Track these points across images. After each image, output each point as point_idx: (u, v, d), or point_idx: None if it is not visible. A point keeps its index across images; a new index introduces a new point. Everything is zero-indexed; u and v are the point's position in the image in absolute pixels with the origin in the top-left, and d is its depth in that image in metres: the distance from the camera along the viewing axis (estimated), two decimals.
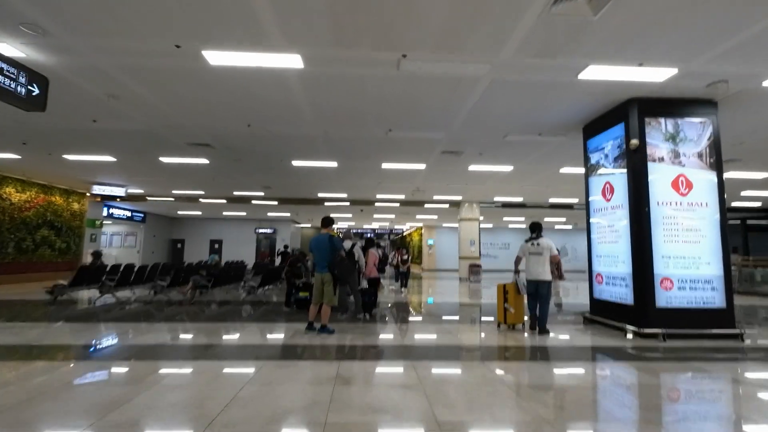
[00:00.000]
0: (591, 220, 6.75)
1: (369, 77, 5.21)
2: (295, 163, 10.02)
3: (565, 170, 10.51)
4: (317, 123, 7.06)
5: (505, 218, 21.79)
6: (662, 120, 5.48)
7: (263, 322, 6.64)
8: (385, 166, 10.25)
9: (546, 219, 21.99)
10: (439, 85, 5.38)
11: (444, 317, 7.61)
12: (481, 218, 17.59)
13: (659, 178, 5.43)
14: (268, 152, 9.14)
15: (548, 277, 5.86)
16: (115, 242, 19.71)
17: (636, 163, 5.47)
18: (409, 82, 5.31)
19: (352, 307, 7.07)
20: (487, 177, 11.62)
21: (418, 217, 21.85)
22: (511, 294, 6.15)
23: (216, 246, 23.02)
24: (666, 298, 5.29)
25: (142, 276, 9.65)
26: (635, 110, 5.47)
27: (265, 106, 6.28)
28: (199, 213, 20.63)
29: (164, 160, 9.82)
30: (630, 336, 5.46)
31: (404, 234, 35.72)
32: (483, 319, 7.54)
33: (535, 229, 6.24)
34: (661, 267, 5.33)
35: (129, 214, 18.57)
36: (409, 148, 8.64)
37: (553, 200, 16.26)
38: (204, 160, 9.86)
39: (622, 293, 5.74)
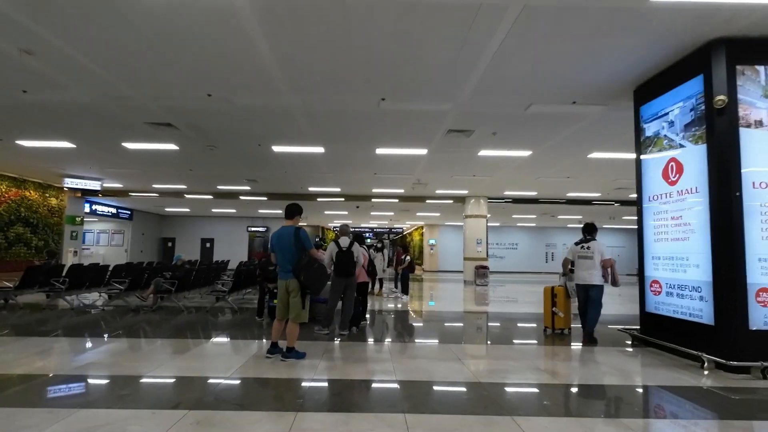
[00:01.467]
0: (645, 210, 5.26)
1: (352, 10, 3.76)
2: (276, 148, 8.58)
3: (595, 156, 9.01)
4: (292, 91, 5.61)
5: (515, 215, 20.28)
6: (761, 69, 3.99)
7: (222, 338, 5.20)
8: (380, 151, 8.79)
9: (560, 216, 20.47)
10: (449, 19, 3.92)
11: (452, 332, 6.13)
12: (488, 215, 16.08)
13: (756, 149, 3.94)
14: (241, 134, 7.71)
15: (598, 281, 5.42)
16: (102, 240, 18.42)
17: (722, 130, 3.98)
18: (406, 17, 3.85)
19: (343, 317, 5.63)
20: (499, 165, 10.13)
21: (419, 214, 20.37)
22: (560, 298, 5.88)
23: (207, 245, 21.68)
24: (765, 316, 3.81)
25: (100, 278, 8.25)
26: (722, 55, 3.97)
27: (220, 64, 4.84)
28: (188, 210, 19.27)
29: (128, 146, 8.42)
30: (709, 369, 3.98)
31: (404, 233, 34.23)
32: (499, 333, 6.06)
33: (588, 230, 5.86)
34: (756, 274, 3.84)
35: (114, 210, 17.26)
36: (409, 127, 7.18)
37: (571, 195, 14.74)
38: (173, 146, 8.45)
39: (695, 308, 4.26)
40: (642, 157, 5.31)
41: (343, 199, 15.49)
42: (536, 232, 26.74)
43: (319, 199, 15.40)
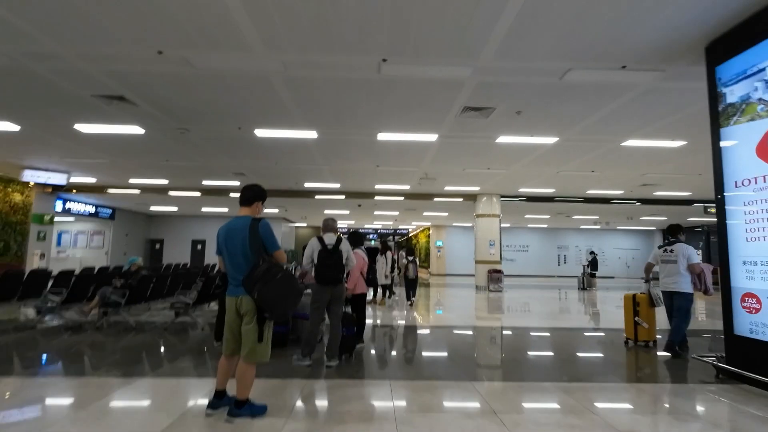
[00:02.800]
0: (728, 200, 3.95)
1: None
2: (260, 132, 7.34)
3: (630, 143, 7.71)
4: (268, 49, 4.36)
5: (527, 215, 18.93)
6: None
7: (160, 375, 3.91)
8: (382, 137, 7.52)
9: (575, 216, 19.10)
10: None
11: (478, 361, 4.83)
12: (501, 215, 14.74)
13: None
14: (215, 113, 6.47)
15: (684, 288, 4.99)
16: (80, 242, 17.22)
17: None
18: None
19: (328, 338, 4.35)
20: (518, 156, 8.83)
21: (426, 214, 19.07)
22: (643, 306, 5.43)
23: (199, 247, 20.49)
24: None
25: (40, 287, 6.87)
26: None
27: (170, 3, 3.60)
28: (175, 209, 18.09)
29: (82, 128, 7.20)
30: None
31: (410, 234, 32.92)
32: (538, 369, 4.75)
33: (672, 232, 5.37)
34: None
35: (92, 209, 16.05)
36: (416, 102, 5.91)
37: (591, 192, 13.40)
38: (136, 129, 7.23)
39: None
40: (724, 129, 4.01)
41: (343, 197, 14.24)
42: (548, 234, 25.36)
43: (317, 197, 14.15)
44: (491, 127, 6.97)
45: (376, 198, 14.32)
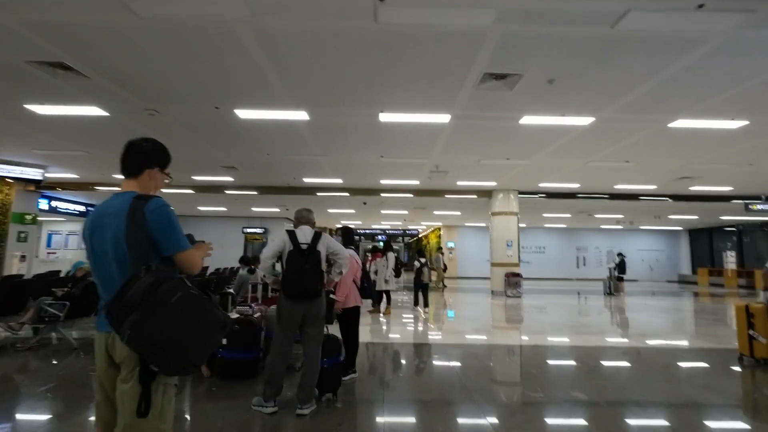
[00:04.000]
0: None
1: None
2: (241, 113, 6.27)
3: (679, 124, 6.46)
4: None
5: (546, 214, 17.60)
6: None
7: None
8: (385, 118, 6.39)
9: (597, 215, 17.71)
10: None
11: (519, 401, 3.66)
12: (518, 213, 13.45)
13: None
14: (184, 87, 5.41)
15: None
16: (71, 243, 16.42)
17: None
18: None
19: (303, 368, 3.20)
20: (543, 141, 7.61)
21: (437, 213, 17.87)
22: (759, 318, 4.78)
23: None
24: None
25: None
26: None
27: None
28: (171, 208, 17.11)
29: (36, 109, 6.21)
30: None
31: (420, 235, 31.71)
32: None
33: None
34: None
35: (82, 208, 15.22)
36: (425, 67, 4.76)
37: (619, 187, 12.07)
38: (98, 111, 6.22)
39: None
40: None
41: (347, 194, 13.14)
42: (566, 235, 23.93)
43: (319, 194, 13.08)
44: (515, 104, 5.79)
45: (383, 195, 13.20)
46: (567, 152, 8.30)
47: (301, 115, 6.32)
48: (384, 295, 8.62)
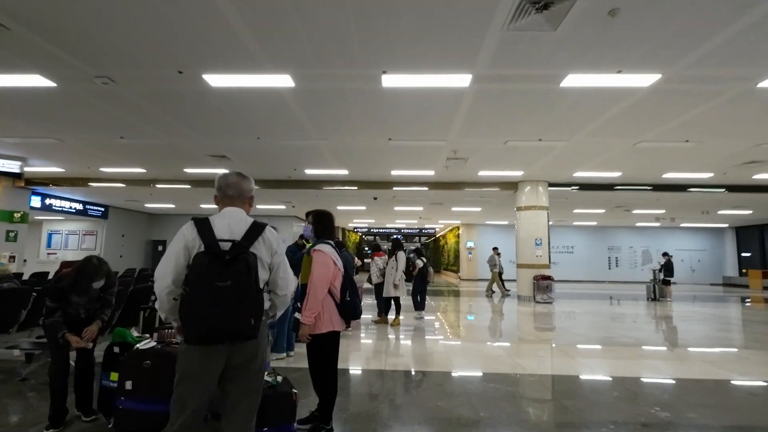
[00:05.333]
0: None
1: None
2: (211, 79, 5.07)
3: None
4: None
5: (577, 210, 15.91)
6: None
7: None
8: (390, 81, 5.08)
9: (635, 211, 15.91)
10: None
11: None
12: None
13: None
14: (127, 42, 4.24)
15: None
16: (71, 243, 15.73)
17: None
18: None
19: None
20: (589, 112, 6.15)
21: (455, 209, 16.42)
22: None
23: None
24: None
25: None
26: None
27: None
28: (172, 206, 16.33)
29: None
30: None
31: (437, 235, 30.21)
32: None
33: None
34: None
35: (80, 206, 14.46)
36: None
37: (669, 176, 10.40)
38: (43, 81, 5.13)
39: None
40: None
41: (355, 188, 11.89)
42: (597, 233, 22.03)
43: (325, 188, 11.87)
44: (558, 55, 4.40)
45: (395, 189, 11.89)
46: (615, 129, 6.80)
47: (284, 81, 5.07)
48: (393, 303, 7.31)
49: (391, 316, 7.29)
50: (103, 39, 4.20)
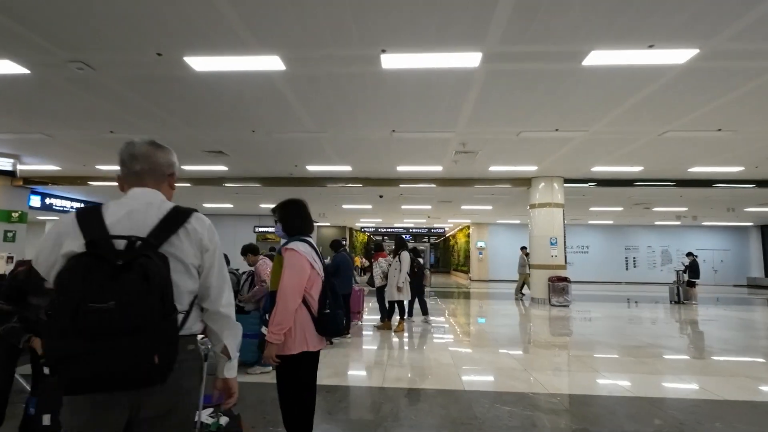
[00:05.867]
0: None
1: None
2: (194, 62, 4.61)
3: None
4: None
5: (593, 207, 15.17)
6: None
7: None
8: (390, 62, 4.57)
9: (656, 209, 15.12)
10: None
11: None
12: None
13: None
14: (99, 19, 3.80)
15: None
16: None
17: None
18: None
19: None
20: (613, 95, 5.54)
21: (464, 208, 15.82)
22: None
23: None
24: None
25: None
26: None
27: None
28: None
29: None
30: None
31: (446, 234, 29.58)
32: None
33: None
34: None
35: (81, 206, 14.19)
36: None
37: (695, 170, 9.68)
38: (13, 66, 4.74)
39: None
40: None
41: (360, 185, 11.41)
42: (613, 232, 21.18)
43: (329, 185, 11.40)
44: (582, 27, 3.84)
45: (401, 186, 11.37)
46: (640, 116, 6.18)
47: (274, 63, 4.59)
48: (396, 307, 6.79)
49: (394, 321, 6.78)
50: (74, 19, 3.78)
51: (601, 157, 8.69)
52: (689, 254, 12.14)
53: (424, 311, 7.32)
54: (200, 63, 4.62)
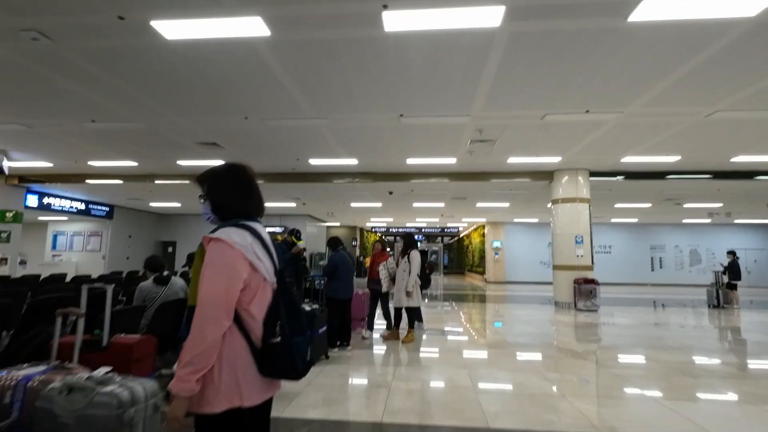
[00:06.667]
0: None
1: None
2: (162, 27, 3.93)
3: None
4: None
5: (619, 204, 14.12)
6: None
7: None
8: (393, 22, 3.81)
9: (687, 205, 14.00)
10: None
11: None
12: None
13: None
14: None
15: None
16: (76, 244, 15.17)
17: None
18: None
19: None
20: (661, 63, 4.66)
21: (480, 205, 14.91)
22: None
23: None
24: None
25: None
26: None
27: None
28: (178, 205, 15.56)
29: None
30: None
31: (460, 234, 28.63)
32: None
33: None
34: None
35: (81, 206, 13.82)
36: None
37: (739, 159, 8.64)
38: None
39: None
40: None
41: (368, 181, 10.67)
42: (638, 231, 19.98)
43: (335, 181, 10.70)
44: None
45: (412, 181, 10.58)
46: (688, 91, 5.28)
47: (256, 26, 3.88)
48: (404, 314, 6.00)
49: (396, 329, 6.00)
50: None
51: (633, 146, 7.76)
52: (731, 253, 11.05)
53: (419, 317, 6.48)
54: (170, 29, 3.93)
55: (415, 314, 6.15)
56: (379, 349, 5.38)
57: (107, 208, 14.96)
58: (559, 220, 9.82)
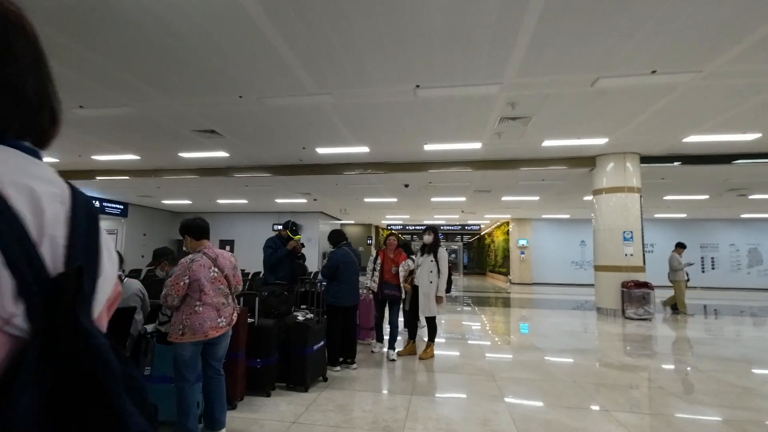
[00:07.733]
0: None
1: None
2: None
3: None
4: None
5: (669, 195, 12.52)
6: None
7: None
8: None
9: (753, 195, 12.28)
10: None
11: None
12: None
13: None
14: None
15: None
16: None
17: None
18: None
19: None
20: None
21: (505, 199, 13.59)
22: None
23: (227, 248, 17.38)
24: None
25: None
26: None
27: None
28: (189, 202, 15.03)
29: None
30: None
31: (482, 232, 27.20)
32: None
33: None
34: None
35: (96, 204, 13.41)
36: None
37: None
38: None
39: None
40: None
41: (381, 171, 9.66)
42: (685, 227, 18.11)
43: (345, 173, 9.76)
44: None
45: (430, 171, 9.50)
46: None
47: None
48: (428, 327, 4.94)
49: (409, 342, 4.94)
50: None
51: (704, 120, 6.42)
52: None
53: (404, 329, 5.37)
54: None
55: (435, 324, 5.09)
56: (391, 369, 4.38)
57: (121, 206, 14.60)
58: (602, 213, 8.53)
